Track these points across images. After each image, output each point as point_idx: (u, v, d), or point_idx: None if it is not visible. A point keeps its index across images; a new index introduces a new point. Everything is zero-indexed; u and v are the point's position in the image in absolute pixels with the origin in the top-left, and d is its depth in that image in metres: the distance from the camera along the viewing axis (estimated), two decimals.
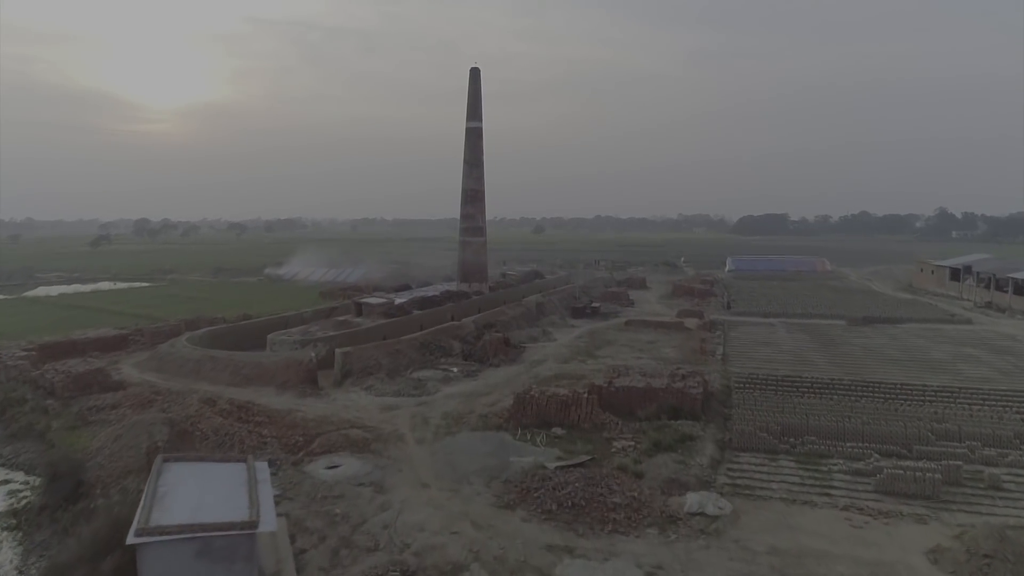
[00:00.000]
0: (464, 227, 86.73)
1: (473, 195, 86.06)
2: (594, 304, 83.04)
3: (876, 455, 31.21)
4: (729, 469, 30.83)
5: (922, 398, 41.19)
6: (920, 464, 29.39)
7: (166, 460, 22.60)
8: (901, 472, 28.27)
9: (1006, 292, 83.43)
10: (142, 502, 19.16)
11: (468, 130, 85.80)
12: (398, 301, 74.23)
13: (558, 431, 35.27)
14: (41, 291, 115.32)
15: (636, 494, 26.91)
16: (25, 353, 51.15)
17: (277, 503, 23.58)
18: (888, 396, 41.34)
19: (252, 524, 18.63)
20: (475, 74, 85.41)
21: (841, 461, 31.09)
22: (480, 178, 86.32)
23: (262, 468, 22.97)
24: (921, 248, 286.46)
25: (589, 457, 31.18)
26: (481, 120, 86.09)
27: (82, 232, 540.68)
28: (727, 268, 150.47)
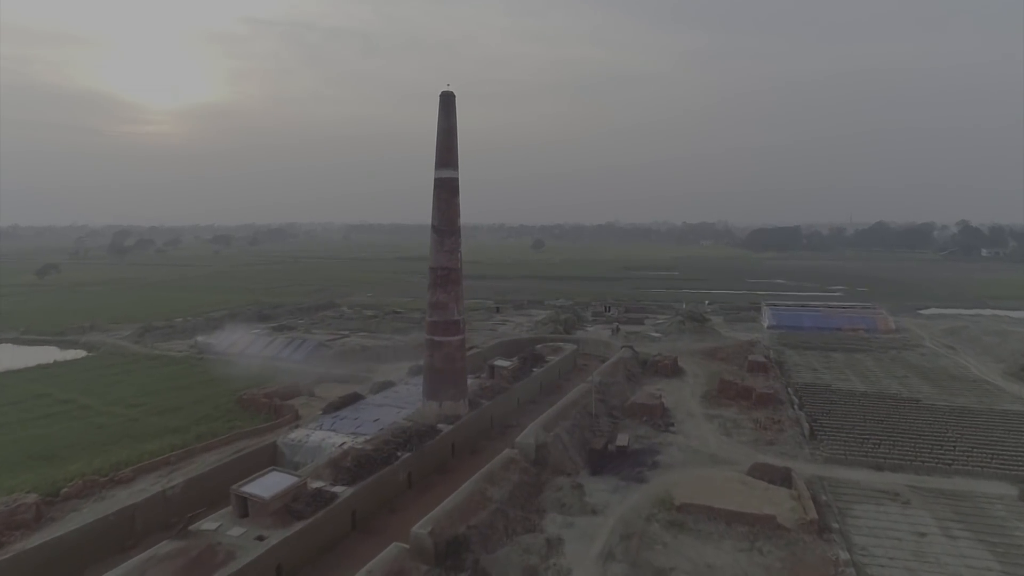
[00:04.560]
0: (433, 321, 60.24)
1: (444, 276, 59.61)
2: (620, 442, 56.73)
3: None
4: None
5: None
6: None
7: None
8: None
9: None
10: None
11: (437, 183, 59.47)
12: (330, 451, 48.11)
13: None
14: None
15: None
16: None
17: None
18: None
19: None
20: (447, 101, 59.25)
21: None
22: (455, 251, 59.92)
23: None
24: (955, 272, 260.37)
25: None
26: (456, 168, 59.85)
27: (63, 241, 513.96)
28: (766, 323, 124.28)
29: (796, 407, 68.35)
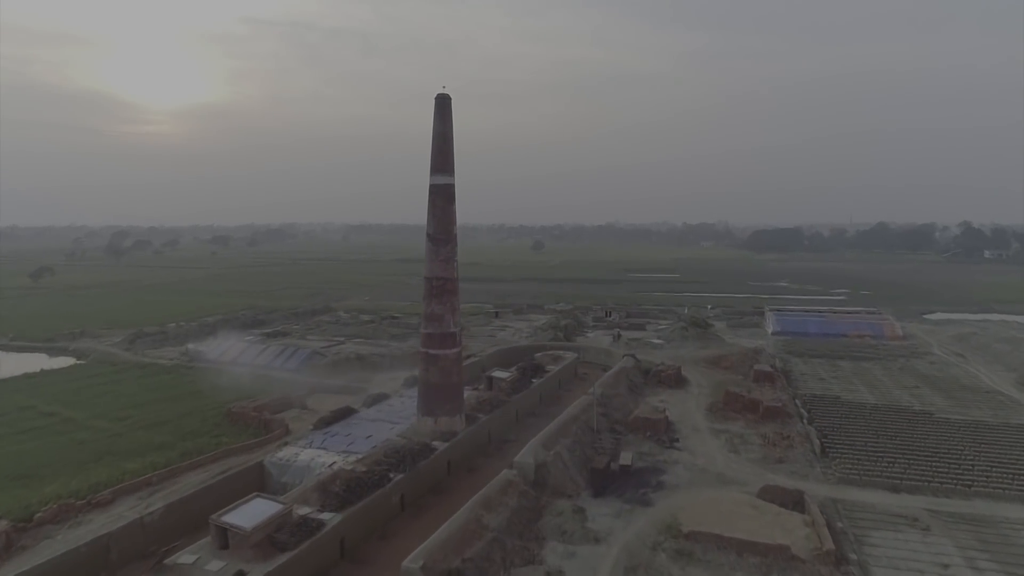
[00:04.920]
0: (428, 334, 57.87)
1: (440, 287, 57.25)
2: (623, 460, 54.33)
3: None
4: None
5: None
6: None
7: None
8: None
9: None
10: None
11: (433, 189, 57.14)
12: (319, 471, 45.65)
13: None
14: None
15: None
16: None
17: None
18: None
19: None
20: (443, 104, 56.82)
21: None
22: (450, 260, 57.57)
23: None
24: (958, 274, 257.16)
25: None
26: (453, 174, 57.47)
27: (62, 242, 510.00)
28: (771, 329, 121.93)
29: (805, 421, 65.93)
